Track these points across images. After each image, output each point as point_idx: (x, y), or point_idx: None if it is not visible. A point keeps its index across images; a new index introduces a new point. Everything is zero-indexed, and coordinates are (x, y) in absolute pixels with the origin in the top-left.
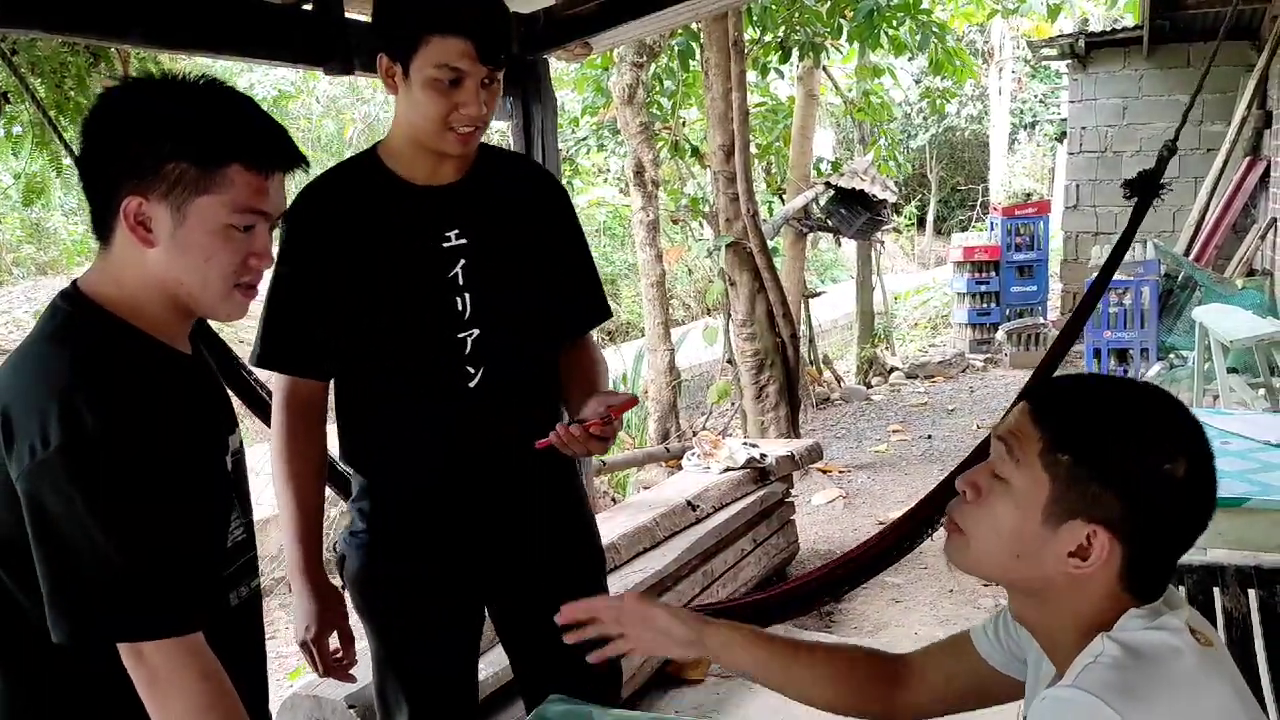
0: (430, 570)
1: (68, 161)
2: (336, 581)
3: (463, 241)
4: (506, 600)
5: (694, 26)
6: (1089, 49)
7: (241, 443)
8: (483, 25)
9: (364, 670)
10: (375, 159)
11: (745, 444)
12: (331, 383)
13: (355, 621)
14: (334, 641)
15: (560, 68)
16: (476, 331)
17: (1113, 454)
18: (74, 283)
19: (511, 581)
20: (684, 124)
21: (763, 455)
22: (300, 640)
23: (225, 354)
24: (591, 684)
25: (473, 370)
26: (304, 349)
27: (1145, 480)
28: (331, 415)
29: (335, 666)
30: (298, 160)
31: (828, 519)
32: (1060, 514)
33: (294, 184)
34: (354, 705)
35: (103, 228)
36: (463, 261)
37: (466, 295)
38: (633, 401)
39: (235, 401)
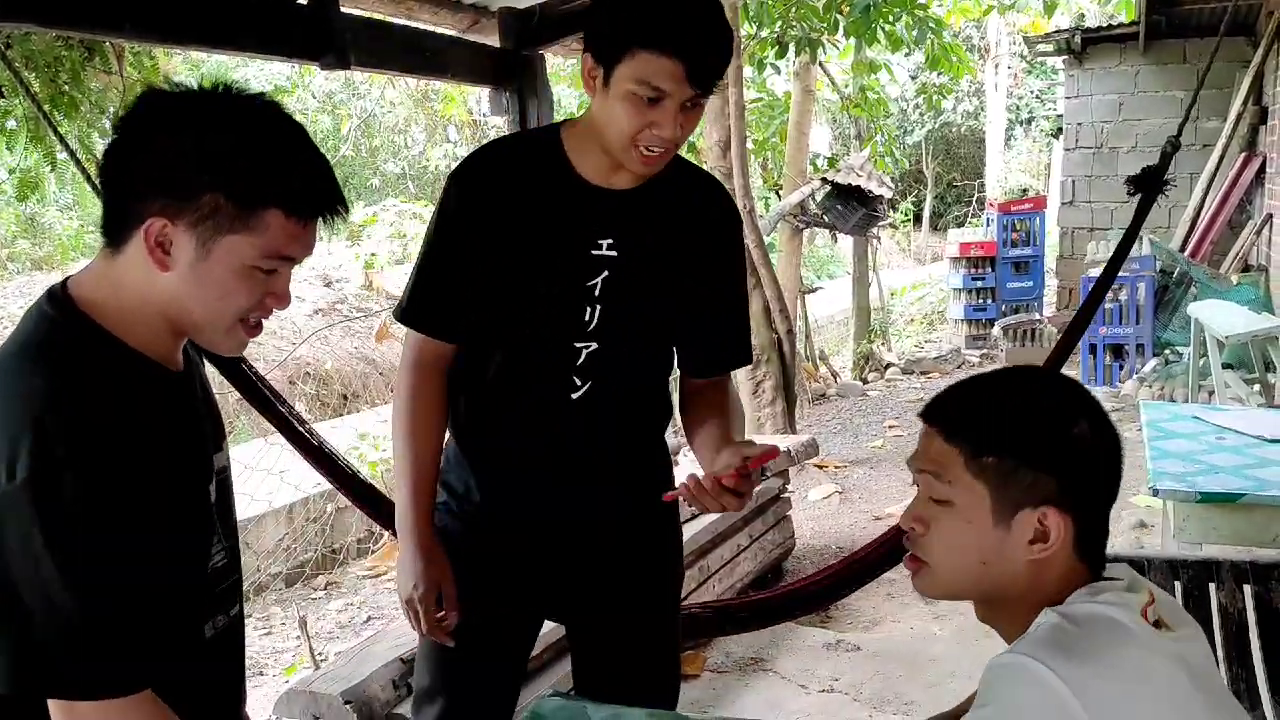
0: (503, 571)
1: (62, 156)
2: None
3: (612, 253)
4: (581, 614)
5: None
6: (1085, 45)
7: (228, 460)
8: (698, 46)
9: (363, 664)
10: (557, 143)
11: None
12: None
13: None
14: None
15: (556, 63)
16: (595, 345)
17: (1029, 439)
18: (64, 283)
19: (590, 599)
20: None
21: None
22: (406, 598)
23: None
24: (654, 698)
25: (579, 382)
26: (448, 313)
27: (1065, 449)
28: None
29: (437, 626)
30: (339, 209)
31: (824, 514)
32: (1007, 511)
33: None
34: (350, 701)
35: (116, 234)
36: (606, 273)
37: (598, 307)
38: (773, 453)
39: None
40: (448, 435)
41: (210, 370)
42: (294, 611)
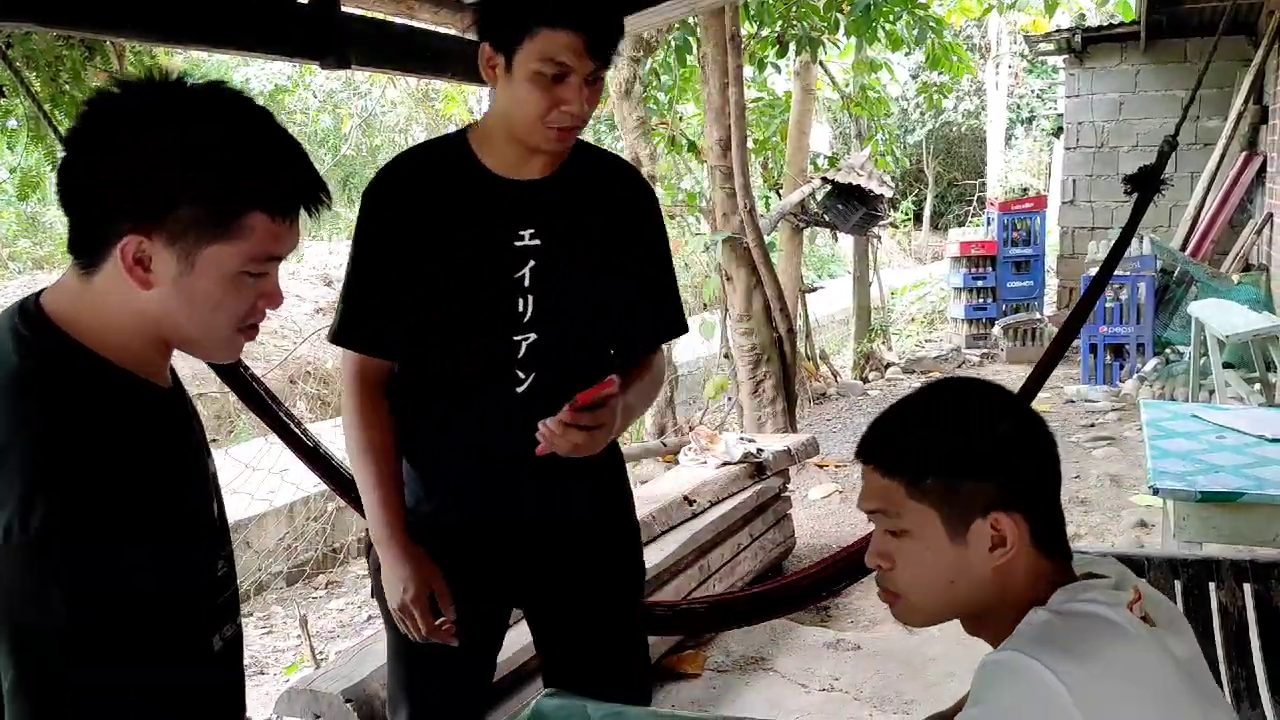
0: (462, 569)
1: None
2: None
3: (535, 242)
4: (542, 609)
5: (691, 21)
6: (1086, 44)
7: (215, 469)
8: (595, 18)
9: (364, 663)
10: (464, 144)
11: (742, 439)
12: None
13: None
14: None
15: None
16: (534, 336)
17: (959, 452)
18: (36, 300)
19: (550, 590)
20: (681, 119)
21: (759, 450)
22: (399, 604)
23: None
24: (624, 695)
25: (523, 375)
26: (380, 329)
27: (996, 453)
28: None
29: (436, 628)
30: (322, 199)
31: (824, 514)
32: (959, 526)
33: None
34: (351, 700)
35: (87, 253)
36: (532, 263)
37: (530, 298)
38: (603, 386)
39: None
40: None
41: (206, 371)
42: (295, 610)
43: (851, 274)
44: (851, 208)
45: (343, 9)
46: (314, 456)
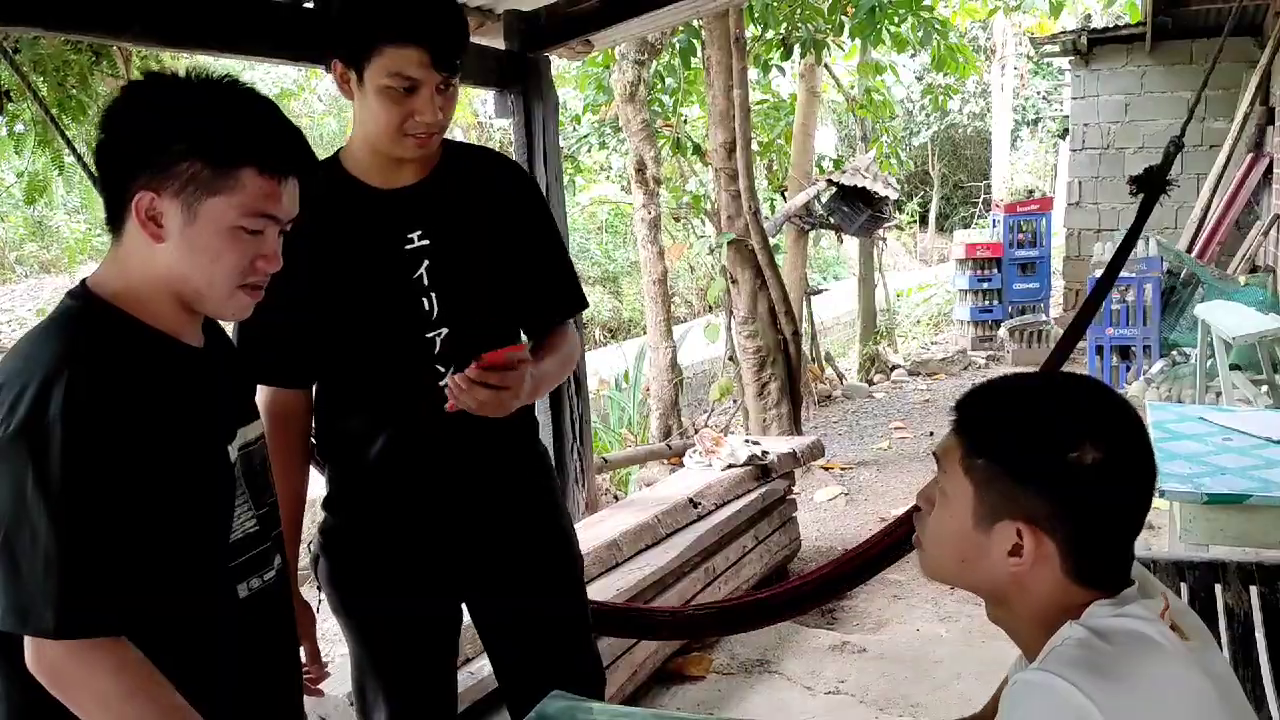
0: (404, 568)
1: (70, 159)
2: (312, 588)
3: (425, 242)
4: (483, 600)
5: (695, 23)
6: (1091, 45)
7: (262, 435)
8: (437, 32)
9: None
10: (336, 164)
11: (747, 441)
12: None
13: (334, 629)
14: (303, 655)
15: (561, 65)
16: (445, 330)
17: (1021, 451)
18: (83, 280)
19: (486, 581)
20: (685, 121)
21: (764, 452)
22: None
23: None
24: (574, 684)
25: (443, 369)
26: (278, 358)
27: (1055, 473)
28: None
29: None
30: (312, 166)
31: (829, 516)
32: (989, 517)
33: None
34: (354, 703)
35: (115, 220)
36: (427, 262)
37: (433, 295)
38: (512, 348)
39: None
40: (321, 463)
41: None
42: None
43: (856, 276)
44: (856, 210)
45: None
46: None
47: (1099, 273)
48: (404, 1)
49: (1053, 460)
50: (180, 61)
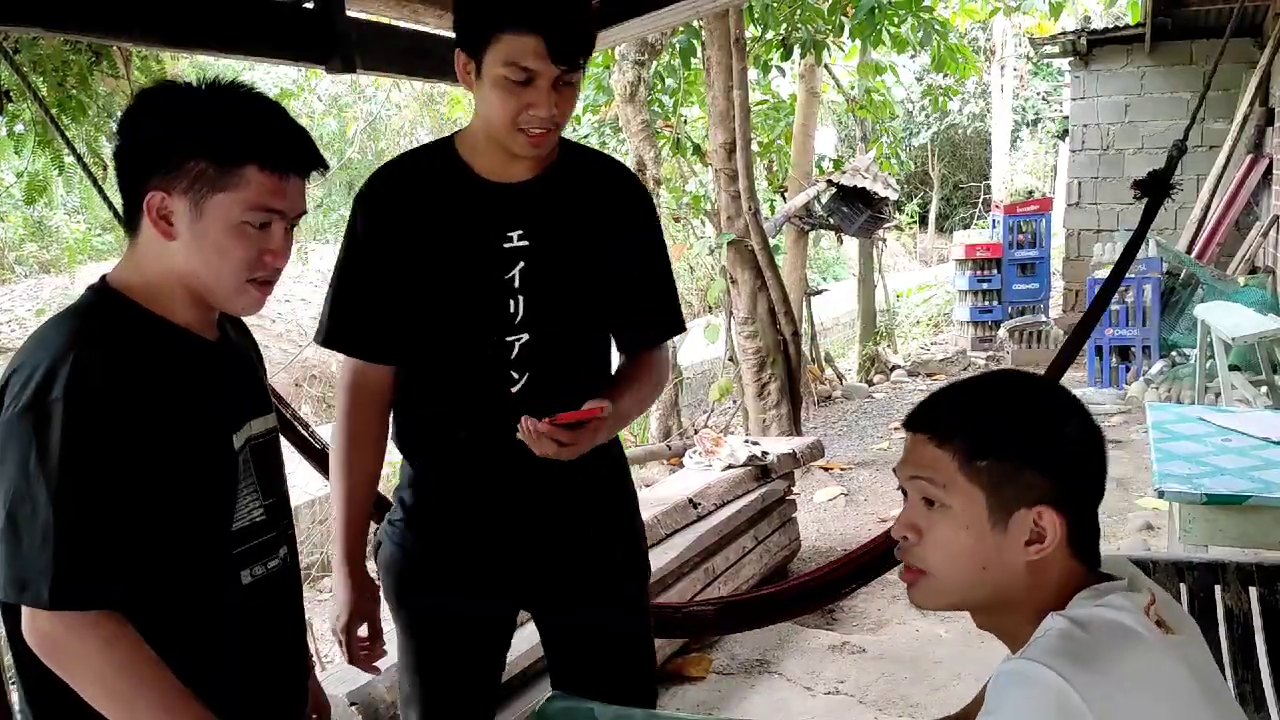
0: (464, 567)
1: (70, 160)
2: (373, 567)
3: (524, 244)
4: (548, 607)
5: (695, 24)
6: (1091, 46)
7: (275, 429)
8: (556, 22)
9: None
10: (451, 149)
11: (747, 442)
12: None
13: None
14: (364, 631)
15: None
16: (526, 336)
17: (1025, 440)
18: (103, 276)
19: (553, 589)
20: (685, 122)
21: (764, 453)
22: (332, 627)
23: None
24: (630, 696)
25: (517, 375)
26: (369, 332)
27: (1057, 449)
28: None
29: (361, 657)
30: (315, 163)
31: (829, 517)
32: (1003, 512)
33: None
34: (355, 702)
35: (130, 219)
36: (521, 264)
37: (520, 299)
38: (591, 412)
39: None
40: (397, 452)
41: None
42: None
43: (856, 277)
44: (856, 210)
45: (348, 13)
46: (322, 459)
47: (1099, 273)
48: None
49: (1052, 440)
50: (180, 62)
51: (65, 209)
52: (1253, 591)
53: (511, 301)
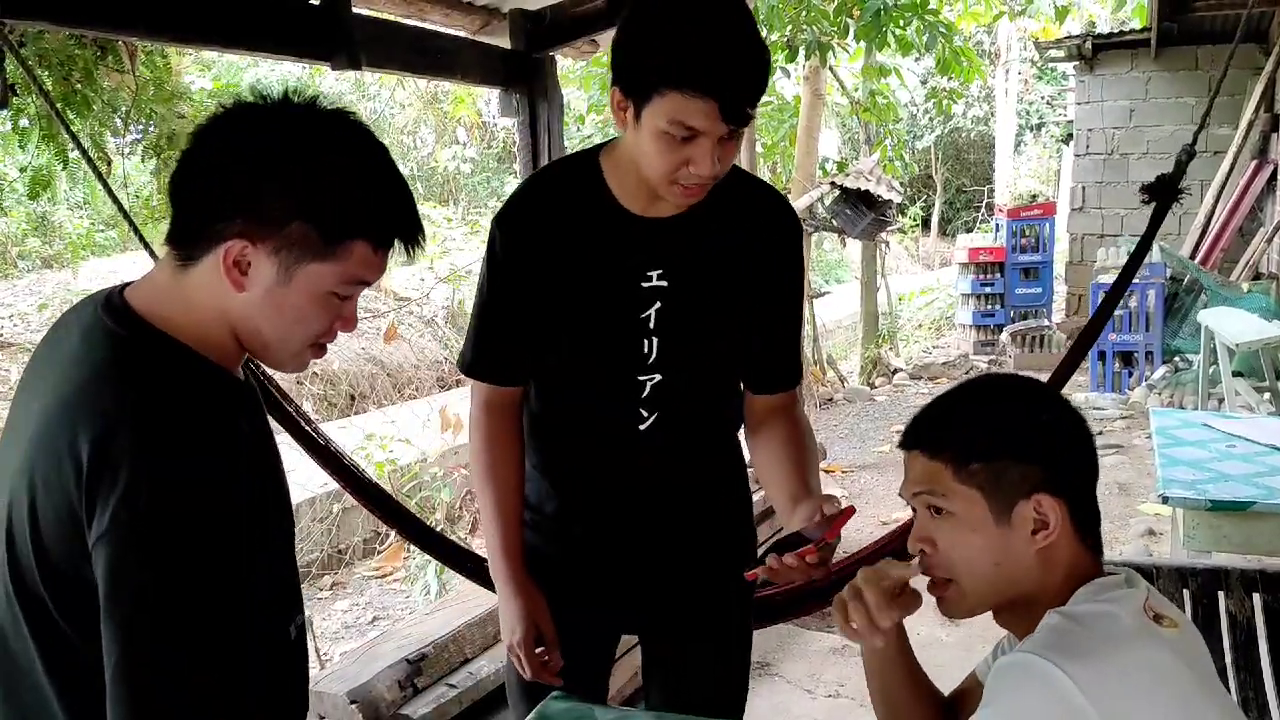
0: (577, 588)
1: (74, 154)
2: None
3: (663, 284)
4: (656, 638)
5: None
6: (1096, 51)
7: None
8: (732, 84)
9: (369, 664)
10: (595, 170)
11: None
12: None
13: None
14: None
15: (566, 65)
16: (658, 377)
17: (1006, 435)
18: (121, 296)
19: (664, 623)
20: None
21: None
22: (507, 643)
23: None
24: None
25: (646, 414)
26: (509, 360)
27: (1041, 436)
28: None
29: (542, 668)
30: (420, 237)
31: None
32: (1004, 508)
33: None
34: (355, 701)
35: (188, 249)
36: (659, 304)
37: (655, 340)
38: (850, 513)
39: None
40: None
41: None
42: None
43: (859, 279)
44: (860, 213)
45: (353, 10)
46: (325, 454)
47: (1102, 278)
48: (702, 44)
49: (1035, 427)
50: (185, 58)
51: (68, 204)
52: (1256, 598)
53: (646, 342)
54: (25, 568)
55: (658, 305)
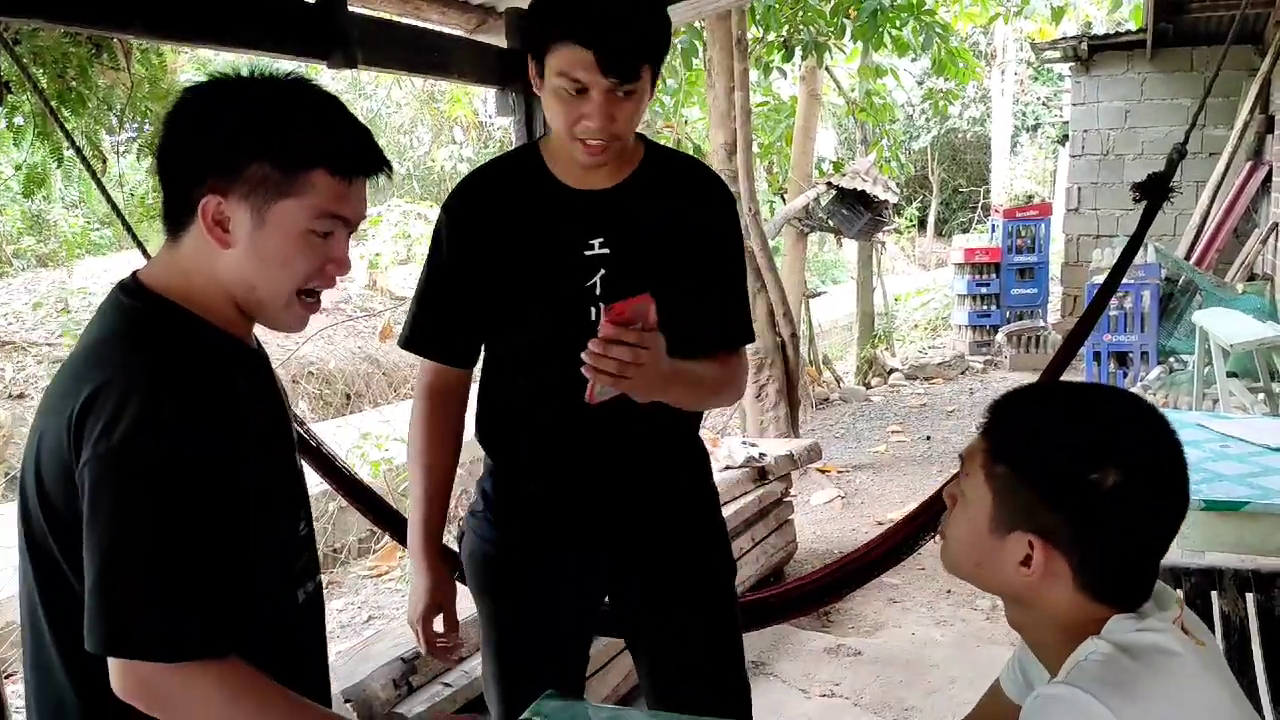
0: (546, 560)
1: (69, 152)
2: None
3: (605, 251)
4: (632, 603)
5: (697, 25)
6: (1092, 52)
7: (296, 434)
8: (608, 35)
9: (364, 663)
10: (536, 155)
11: (744, 443)
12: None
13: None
14: (440, 624)
15: None
16: None
17: (1041, 464)
18: (134, 276)
19: (636, 585)
20: (686, 122)
21: (761, 454)
22: (408, 619)
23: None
24: (719, 696)
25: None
26: (450, 337)
27: (1072, 491)
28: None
29: (439, 649)
30: (381, 165)
31: (826, 519)
32: (1004, 525)
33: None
34: (350, 700)
35: (175, 222)
36: (602, 271)
37: (601, 306)
38: (639, 299)
39: None
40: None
41: None
42: None
43: (855, 279)
44: (856, 213)
45: (350, 8)
46: (317, 456)
47: (1097, 279)
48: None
49: (1073, 480)
50: (181, 56)
51: (64, 202)
52: (1249, 598)
53: (592, 309)
54: (35, 524)
55: (602, 273)
